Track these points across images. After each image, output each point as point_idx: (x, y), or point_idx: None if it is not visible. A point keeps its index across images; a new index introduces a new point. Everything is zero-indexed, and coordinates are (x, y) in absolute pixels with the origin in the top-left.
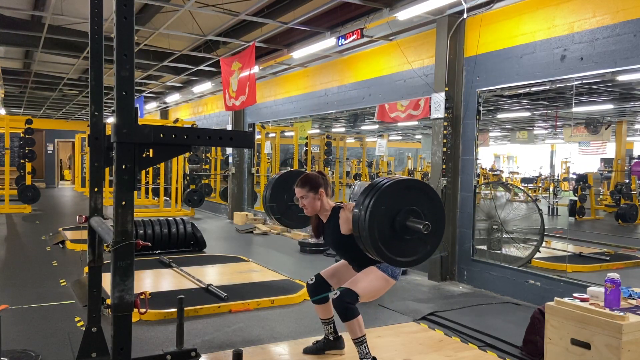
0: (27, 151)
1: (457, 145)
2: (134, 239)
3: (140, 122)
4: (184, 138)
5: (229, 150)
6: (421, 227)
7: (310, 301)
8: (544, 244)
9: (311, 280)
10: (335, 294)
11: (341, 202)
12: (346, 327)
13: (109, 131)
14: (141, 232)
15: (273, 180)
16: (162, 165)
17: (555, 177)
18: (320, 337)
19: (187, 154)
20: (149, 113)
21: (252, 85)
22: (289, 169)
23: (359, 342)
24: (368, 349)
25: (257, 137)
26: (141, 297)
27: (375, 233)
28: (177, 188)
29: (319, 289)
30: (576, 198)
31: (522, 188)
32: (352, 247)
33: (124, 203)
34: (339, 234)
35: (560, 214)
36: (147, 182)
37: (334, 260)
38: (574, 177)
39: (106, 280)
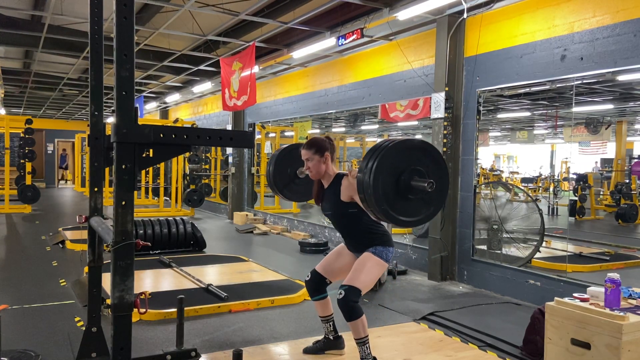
0: (27, 151)
1: (457, 145)
2: (134, 239)
3: (140, 122)
4: (184, 138)
5: (229, 150)
6: (425, 185)
7: (310, 301)
8: (544, 243)
9: (307, 276)
10: (340, 293)
11: (344, 171)
12: (350, 327)
13: (109, 131)
14: (141, 232)
15: (276, 155)
16: (162, 165)
17: (555, 177)
18: (320, 337)
19: (187, 154)
20: (149, 113)
21: (252, 85)
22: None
23: (362, 342)
24: (369, 350)
25: (257, 137)
26: (141, 297)
27: (380, 193)
28: (177, 188)
29: (315, 284)
30: (576, 198)
31: (522, 188)
32: (348, 216)
33: (124, 203)
34: (338, 200)
35: (560, 214)
36: (147, 182)
37: None
38: (574, 177)
39: (106, 280)
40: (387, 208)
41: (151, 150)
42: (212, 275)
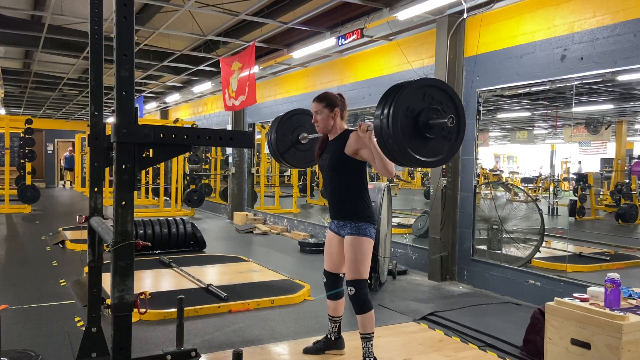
0: (27, 151)
1: None
2: (134, 239)
3: (140, 122)
4: (184, 138)
5: (229, 150)
6: (446, 120)
7: (310, 301)
8: (544, 243)
9: (324, 279)
10: (351, 290)
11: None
12: (359, 320)
13: (109, 131)
14: (141, 232)
15: (277, 122)
16: (162, 165)
17: (555, 177)
18: (321, 337)
19: (187, 154)
20: (149, 113)
21: (251, 85)
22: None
23: (367, 338)
24: (372, 348)
25: (257, 137)
26: (141, 297)
27: (400, 136)
28: (177, 188)
29: (332, 282)
30: (576, 198)
31: (522, 188)
32: (343, 171)
33: (124, 203)
34: (340, 152)
35: (560, 214)
36: (147, 182)
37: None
38: (574, 177)
39: (106, 280)
40: (409, 151)
41: (151, 150)
42: (212, 275)
